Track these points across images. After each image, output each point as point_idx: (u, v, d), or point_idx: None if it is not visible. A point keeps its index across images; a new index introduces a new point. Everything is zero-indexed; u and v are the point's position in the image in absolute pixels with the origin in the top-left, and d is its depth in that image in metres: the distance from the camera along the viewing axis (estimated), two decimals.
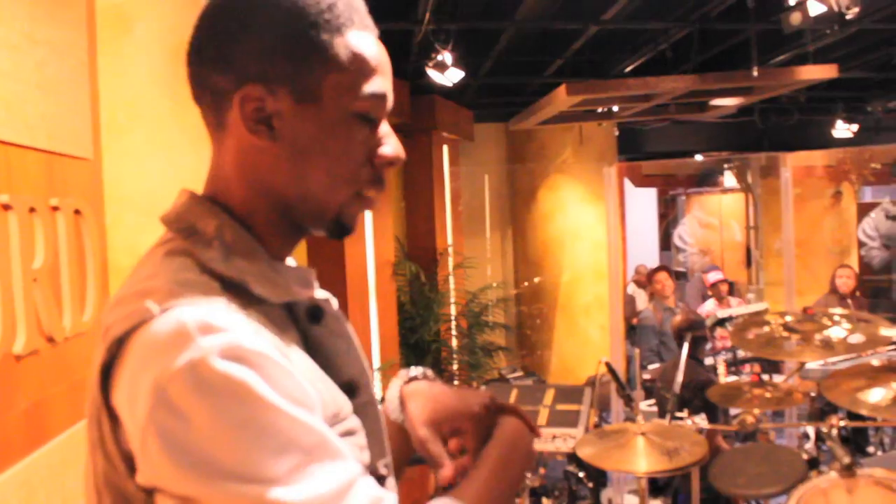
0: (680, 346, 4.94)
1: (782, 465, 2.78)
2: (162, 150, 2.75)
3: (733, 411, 3.81)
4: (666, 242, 12.96)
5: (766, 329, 3.08)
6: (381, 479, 1.02)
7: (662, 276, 7.96)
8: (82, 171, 2.00)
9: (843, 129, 9.10)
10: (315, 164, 0.95)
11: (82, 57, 2.03)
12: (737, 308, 7.34)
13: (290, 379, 0.85)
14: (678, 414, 3.33)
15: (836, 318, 3.00)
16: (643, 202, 12.99)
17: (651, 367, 6.67)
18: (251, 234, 0.97)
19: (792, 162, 4.95)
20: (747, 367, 5.97)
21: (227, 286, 0.90)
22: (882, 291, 8.85)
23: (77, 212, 1.92)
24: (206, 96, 0.97)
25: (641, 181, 11.90)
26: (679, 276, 10.13)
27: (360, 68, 0.96)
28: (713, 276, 8.10)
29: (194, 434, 0.79)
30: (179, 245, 0.95)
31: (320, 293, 1.08)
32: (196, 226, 0.95)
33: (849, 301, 6.91)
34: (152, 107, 2.74)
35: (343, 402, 0.97)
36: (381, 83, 0.98)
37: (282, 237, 1.01)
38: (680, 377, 3.61)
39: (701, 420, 3.20)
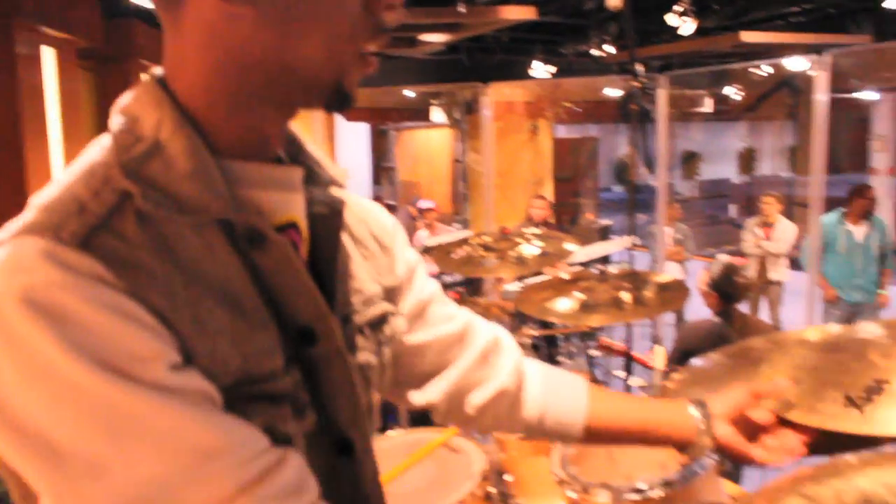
0: None
1: None
2: None
3: None
4: (377, 176, 13.23)
5: (467, 249, 3.24)
6: (348, 447, 0.91)
7: None
8: None
9: (540, 70, 9.71)
10: (308, 26, 0.78)
11: None
12: (444, 236, 7.69)
13: (107, 336, 0.69)
14: None
15: (529, 236, 3.22)
16: (357, 137, 13.13)
17: None
18: (202, 129, 0.80)
19: (492, 96, 5.19)
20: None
21: (145, 194, 0.75)
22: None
23: None
24: None
25: (353, 115, 11.99)
26: (390, 209, 10.42)
27: None
28: (423, 204, 8.38)
29: None
30: (109, 138, 0.80)
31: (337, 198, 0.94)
32: (140, 120, 0.80)
33: (542, 228, 7.47)
34: None
35: (267, 361, 0.80)
36: None
37: (257, 123, 0.84)
38: None
39: None
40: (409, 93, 10.30)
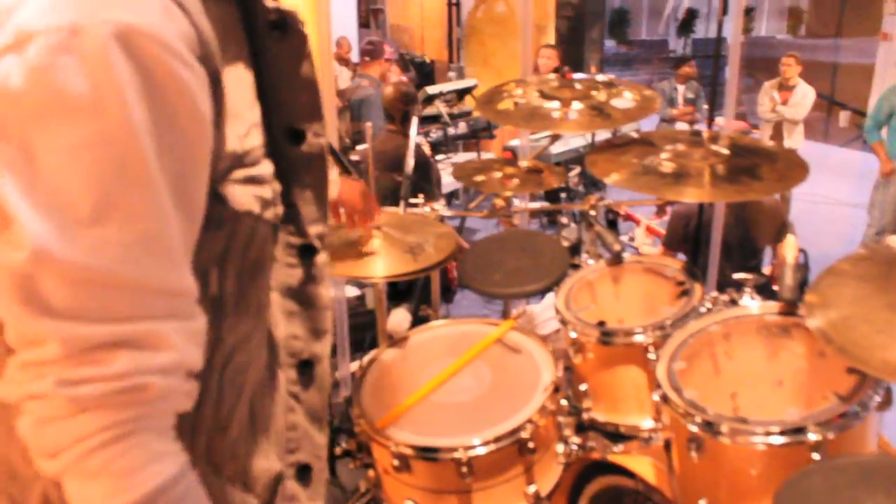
0: (392, 120, 4.39)
1: (542, 256, 2.34)
2: None
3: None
4: (365, 18, 12.18)
5: (520, 99, 2.54)
6: (308, 249, 1.01)
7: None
8: None
9: None
10: None
11: None
12: (446, 84, 6.95)
13: (184, 94, 0.71)
14: (413, 200, 2.75)
15: (605, 81, 2.51)
16: None
17: (360, 147, 5.88)
18: None
19: None
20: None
21: None
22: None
23: None
24: None
25: None
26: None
27: None
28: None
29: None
30: None
31: None
32: None
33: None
34: None
35: (259, 144, 0.85)
36: None
37: None
38: (412, 159, 3.04)
39: (441, 207, 2.66)
40: None
